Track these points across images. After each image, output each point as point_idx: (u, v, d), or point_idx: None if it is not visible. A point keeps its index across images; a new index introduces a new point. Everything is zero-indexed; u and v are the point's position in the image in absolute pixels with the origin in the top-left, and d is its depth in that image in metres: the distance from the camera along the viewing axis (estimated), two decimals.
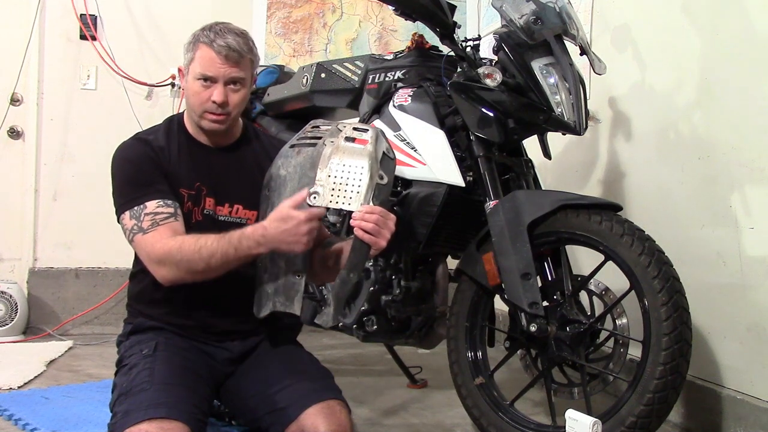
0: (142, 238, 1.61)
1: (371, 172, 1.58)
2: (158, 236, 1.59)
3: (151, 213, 1.61)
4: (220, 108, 1.68)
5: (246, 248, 1.54)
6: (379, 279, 2.18)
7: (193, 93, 1.69)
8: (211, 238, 1.56)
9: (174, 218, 1.63)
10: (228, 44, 1.65)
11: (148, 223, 1.60)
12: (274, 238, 1.52)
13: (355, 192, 1.57)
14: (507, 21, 2.01)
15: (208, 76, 1.66)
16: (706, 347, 2.09)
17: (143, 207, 1.62)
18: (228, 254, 1.55)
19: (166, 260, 1.58)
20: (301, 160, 1.65)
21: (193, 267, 1.57)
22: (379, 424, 2.17)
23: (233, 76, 1.67)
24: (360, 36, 3.85)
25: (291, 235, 1.51)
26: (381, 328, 2.20)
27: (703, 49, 2.16)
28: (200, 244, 1.55)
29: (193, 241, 1.56)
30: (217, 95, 1.66)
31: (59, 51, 3.44)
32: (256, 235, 1.53)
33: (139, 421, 1.43)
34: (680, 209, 2.23)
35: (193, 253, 1.55)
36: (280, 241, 1.52)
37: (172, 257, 1.57)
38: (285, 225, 1.51)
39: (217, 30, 1.67)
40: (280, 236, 1.52)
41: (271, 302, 1.63)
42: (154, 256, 1.59)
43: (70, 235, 3.43)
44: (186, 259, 1.56)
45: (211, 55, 1.65)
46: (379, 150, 1.64)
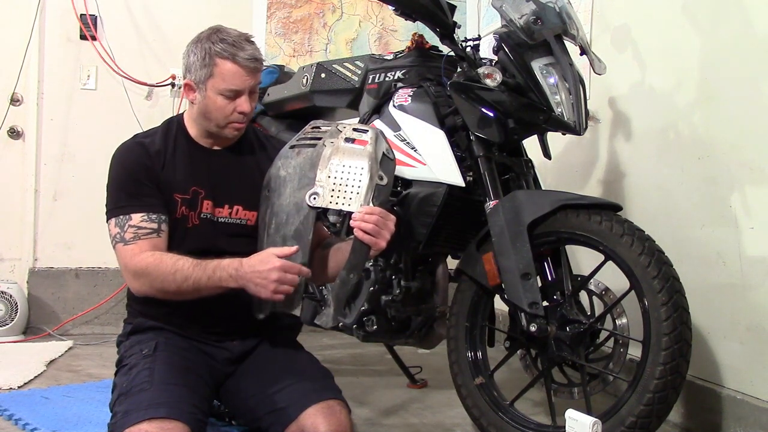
0: (122, 248, 1.63)
1: (371, 172, 1.59)
2: (137, 249, 1.61)
3: (134, 226, 1.63)
4: (244, 116, 1.70)
5: (218, 279, 1.56)
6: (379, 279, 2.18)
7: (217, 108, 1.68)
8: (189, 262, 1.57)
9: (156, 234, 1.64)
10: (251, 56, 1.66)
11: (131, 235, 1.62)
12: (244, 276, 1.54)
13: (355, 193, 1.57)
14: (507, 21, 2.01)
15: (236, 90, 1.66)
16: (706, 347, 2.09)
17: (128, 218, 1.64)
18: (200, 282, 1.56)
19: (141, 275, 1.60)
20: (300, 160, 1.66)
21: (166, 287, 1.59)
22: (379, 424, 2.17)
23: (255, 84, 1.70)
24: (360, 36, 3.85)
25: (260, 278, 1.52)
26: (381, 328, 2.20)
27: (703, 49, 2.16)
28: (176, 267, 1.57)
29: (171, 263, 1.58)
30: (245, 106, 1.68)
31: (59, 51, 3.44)
32: (230, 269, 1.55)
33: (139, 421, 1.43)
34: (680, 209, 2.23)
35: (167, 275, 1.57)
36: (249, 281, 1.54)
37: (148, 273, 1.59)
38: (259, 266, 1.53)
39: (230, 42, 1.65)
40: (250, 276, 1.53)
41: (270, 303, 1.63)
42: (130, 268, 1.62)
43: (70, 235, 3.43)
44: (160, 279, 1.58)
45: (236, 70, 1.65)
46: (379, 151, 1.64)
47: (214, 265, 1.56)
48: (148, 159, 1.69)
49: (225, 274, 1.55)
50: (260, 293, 1.54)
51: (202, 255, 1.65)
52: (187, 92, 1.73)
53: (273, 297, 1.54)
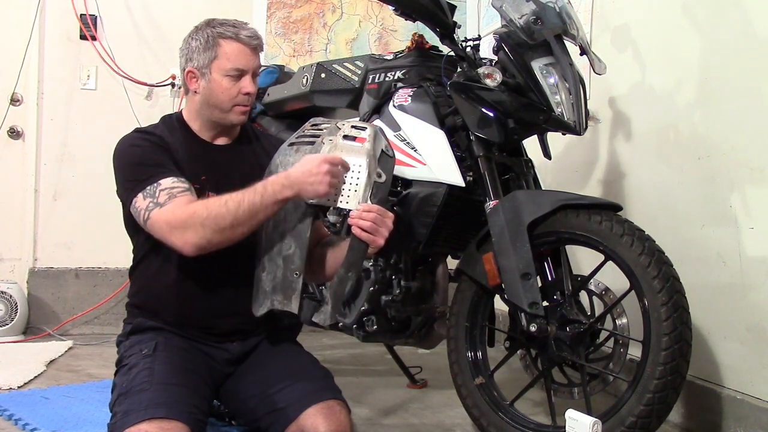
0: (159, 211, 1.56)
1: (369, 170, 1.58)
2: (178, 204, 1.55)
3: (167, 188, 1.58)
4: (249, 98, 1.71)
5: (271, 193, 1.53)
6: (379, 279, 2.18)
7: (222, 90, 1.69)
8: (233, 193, 1.54)
9: (189, 192, 1.60)
10: (253, 34, 1.69)
11: (165, 197, 1.57)
12: (296, 179, 1.52)
13: (353, 190, 1.57)
14: (507, 21, 2.01)
15: (241, 69, 1.68)
16: (706, 347, 2.09)
17: (157, 185, 1.59)
18: (254, 203, 1.52)
19: (189, 222, 1.52)
20: (299, 158, 1.65)
21: (221, 223, 1.51)
22: (379, 424, 2.17)
23: (258, 64, 1.72)
24: (360, 36, 3.85)
25: (312, 175, 1.51)
26: (381, 328, 2.20)
27: (703, 49, 2.16)
28: (225, 198, 1.53)
29: (218, 199, 1.55)
30: (249, 86, 1.69)
31: (59, 51, 3.44)
32: (281, 178, 1.54)
33: (139, 421, 1.42)
34: (680, 209, 2.23)
35: (219, 207, 1.52)
36: (303, 182, 1.52)
37: (198, 216, 1.52)
38: (306, 166, 1.52)
39: (231, 24, 1.70)
40: (302, 177, 1.52)
41: (269, 300, 1.63)
42: (176, 222, 1.54)
43: (70, 235, 3.43)
44: (213, 215, 1.51)
45: (241, 48, 1.68)
46: (378, 148, 1.64)
47: (262, 183, 1.55)
48: (159, 140, 1.70)
49: (277, 185, 1.53)
50: (318, 190, 1.51)
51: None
52: (190, 81, 1.72)
53: (329, 190, 1.52)
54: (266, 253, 1.65)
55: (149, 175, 1.60)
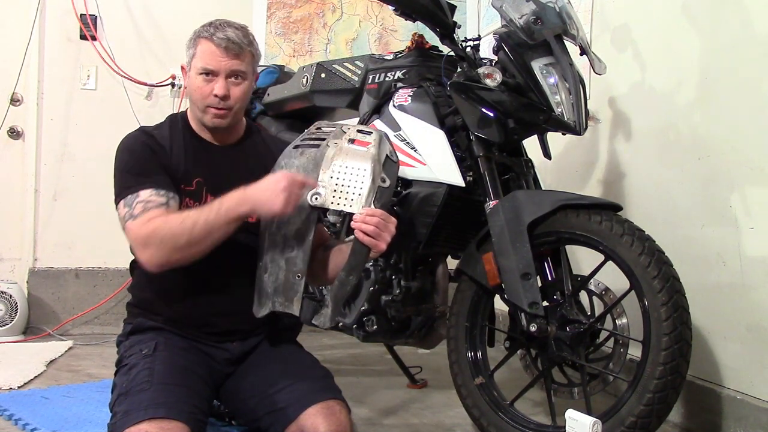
0: (131, 223, 1.57)
1: (373, 174, 1.59)
2: (146, 219, 1.56)
3: (143, 201, 1.59)
4: (222, 102, 1.67)
5: (226, 210, 1.52)
6: (379, 279, 2.18)
7: (196, 88, 1.69)
8: (193, 210, 1.56)
9: (165, 207, 1.59)
10: (227, 36, 1.66)
11: (139, 210, 1.58)
12: (252, 195, 1.52)
13: (357, 194, 1.58)
14: (507, 21, 2.01)
15: (210, 70, 1.67)
16: (706, 347, 2.09)
17: (137, 195, 1.60)
18: (209, 221, 1.51)
19: (150, 240, 1.54)
20: (304, 161, 1.66)
21: (178, 241, 1.52)
22: (379, 424, 2.17)
23: (234, 69, 1.68)
24: (360, 36, 3.85)
25: (268, 191, 1.50)
26: (381, 328, 2.20)
27: (703, 49, 2.16)
28: (183, 216, 1.54)
29: (177, 215, 1.55)
30: (218, 88, 1.66)
31: (59, 51, 3.44)
32: (237, 194, 1.53)
33: (139, 421, 1.42)
34: (680, 209, 2.23)
35: (176, 227, 1.52)
36: (258, 198, 1.51)
37: (157, 235, 1.53)
38: (264, 182, 1.53)
39: (217, 24, 1.69)
40: (257, 193, 1.52)
41: (270, 302, 1.63)
42: (139, 239, 1.55)
43: (70, 235, 3.43)
44: (170, 235, 1.52)
45: (211, 49, 1.66)
46: (382, 153, 1.64)
47: (218, 200, 1.54)
48: (156, 145, 1.70)
49: (232, 202, 1.52)
50: (273, 208, 1.50)
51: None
52: (184, 77, 1.77)
53: (285, 209, 1.51)
54: (268, 255, 1.65)
55: (132, 184, 1.62)
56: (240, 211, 1.53)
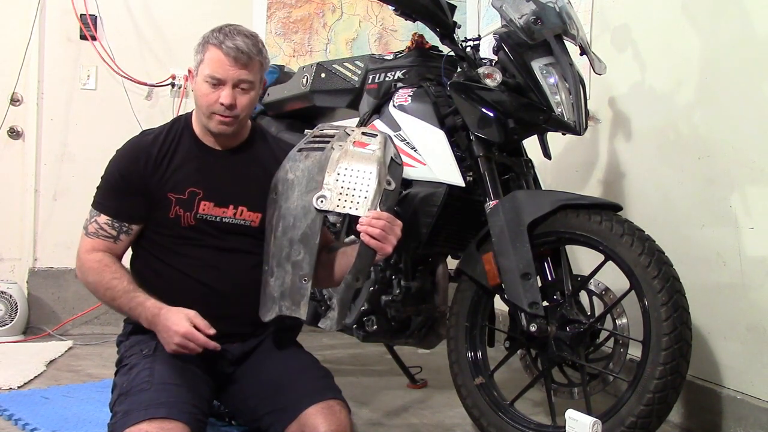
0: (83, 236, 1.73)
1: (379, 177, 1.59)
2: (92, 246, 1.70)
3: (99, 224, 1.71)
4: (228, 110, 1.67)
5: (137, 314, 1.64)
6: (379, 279, 2.18)
7: (202, 94, 1.68)
8: (123, 285, 1.65)
9: (113, 241, 1.71)
10: (237, 46, 1.64)
11: (92, 230, 1.71)
12: (156, 325, 1.61)
13: (363, 197, 1.57)
14: (507, 21, 2.01)
15: (217, 78, 1.65)
16: (706, 347, 2.09)
17: (98, 214, 1.72)
18: (122, 308, 1.66)
19: (82, 270, 1.71)
20: (309, 164, 1.65)
21: (97, 296, 1.71)
22: (379, 424, 2.17)
23: (241, 78, 1.66)
24: (360, 36, 3.85)
25: (166, 334, 1.59)
26: (381, 328, 2.20)
27: (703, 49, 2.16)
28: (110, 285, 1.66)
29: (109, 278, 1.66)
30: (225, 97, 1.65)
31: (59, 51, 3.44)
32: (149, 314, 1.62)
33: (139, 421, 1.43)
34: (680, 209, 2.23)
35: (100, 286, 1.67)
36: (159, 332, 1.62)
37: (86, 275, 1.70)
38: (170, 323, 1.58)
39: (227, 32, 1.67)
40: (161, 328, 1.60)
41: (277, 306, 1.63)
42: (80, 259, 1.71)
43: (70, 235, 3.38)
44: (93, 285, 1.69)
45: (219, 57, 1.65)
46: (387, 155, 1.64)
47: (139, 301, 1.63)
48: (145, 161, 1.70)
49: (143, 314, 1.63)
50: (165, 346, 1.61)
51: (203, 252, 1.67)
52: (190, 80, 1.77)
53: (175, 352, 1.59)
54: (274, 259, 1.64)
55: (101, 201, 1.73)
56: (144, 324, 1.65)
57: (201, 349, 1.58)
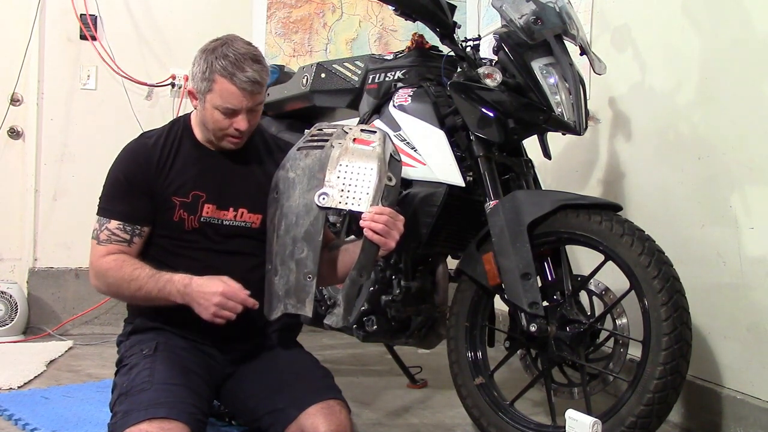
0: (94, 245, 1.69)
1: (380, 173, 1.59)
2: (105, 252, 1.66)
3: (110, 230, 1.68)
4: (241, 133, 1.68)
5: (167, 293, 1.60)
6: (379, 279, 2.18)
7: (213, 121, 1.67)
8: (146, 272, 1.61)
9: (127, 245, 1.68)
10: (249, 78, 1.62)
11: (104, 237, 1.68)
12: (191, 294, 1.58)
13: (365, 193, 1.58)
14: (507, 21, 2.01)
15: (231, 110, 1.65)
16: (706, 347, 2.09)
17: (107, 221, 1.69)
18: (151, 293, 1.61)
19: (99, 276, 1.67)
20: (309, 162, 1.66)
21: (120, 293, 1.66)
22: (379, 424, 2.17)
23: (255, 104, 1.67)
24: (360, 36, 3.85)
25: (203, 299, 1.56)
26: (381, 328, 2.20)
27: (703, 49, 2.16)
28: (133, 276, 1.61)
29: (130, 270, 1.62)
30: (241, 124, 1.66)
31: (59, 51, 3.44)
32: (180, 285, 1.59)
33: (140, 421, 1.43)
34: (680, 209, 2.23)
35: (123, 281, 1.62)
36: (194, 299, 1.57)
37: (107, 277, 1.65)
38: (205, 287, 1.56)
39: (233, 60, 1.62)
40: (195, 294, 1.57)
41: (282, 304, 1.63)
42: (93, 266, 1.68)
43: (70, 235, 3.43)
44: (117, 284, 1.64)
45: (232, 90, 1.62)
46: (387, 152, 1.65)
47: (167, 279, 1.60)
48: (147, 164, 1.69)
49: (174, 289, 1.59)
50: (201, 314, 1.57)
51: (204, 256, 1.67)
52: (191, 98, 1.74)
53: (212, 320, 1.56)
54: (278, 257, 1.65)
55: (109, 207, 1.70)
56: (176, 300, 1.60)
57: (240, 308, 1.56)
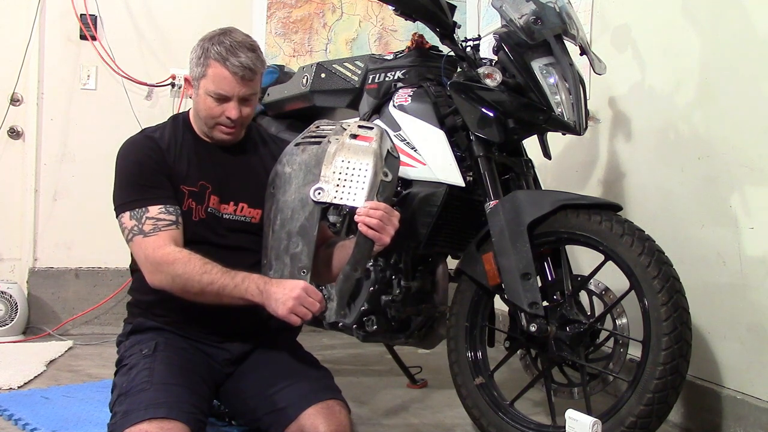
0: (143, 240, 1.60)
1: (376, 169, 1.59)
2: (160, 241, 1.59)
3: (153, 218, 1.61)
4: (233, 122, 1.68)
5: (244, 289, 1.56)
6: (379, 279, 2.18)
7: (205, 108, 1.68)
8: (217, 267, 1.57)
9: (176, 226, 1.63)
10: (242, 63, 1.63)
11: (150, 227, 1.60)
12: (269, 290, 1.54)
13: (360, 188, 1.58)
14: (507, 21, 2.01)
15: (222, 95, 1.65)
16: (706, 347, 2.09)
17: (145, 210, 1.62)
18: (225, 288, 1.56)
19: (164, 269, 1.58)
20: (306, 157, 1.66)
21: (189, 286, 1.57)
22: (379, 424, 2.17)
23: (247, 93, 1.67)
24: (360, 36, 3.85)
25: (282, 293, 1.53)
26: (381, 328, 2.20)
27: (703, 49, 2.16)
28: (205, 269, 1.56)
29: (201, 264, 1.56)
30: (231, 112, 1.66)
31: (59, 51, 3.44)
32: (259, 282, 1.56)
33: (139, 421, 1.43)
34: (680, 209, 2.23)
35: (194, 273, 1.56)
36: (272, 295, 1.54)
37: (173, 269, 1.57)
38: (285, 283, 1.55)
39: (228, 46, 1.64)
40: (274, 290, 1.54)
41: None
42: (153, 259, 1.59)
43: (70, 235, 3.43)
44: (186, 276, 1.56)
45: (224, 75, 1.64)
46: (384, 148, 1.65)
47: (243, 275, 1.57)
48: (158, 150, 1.69)
49: (253, 285, 1.55)
50: (278, 309, 1.53)
51: (206, 249, 1.66)
52: (187, 87, 1.75)
53: (288, 317, 1.53)
54: (273, 252, 1.65)
55: (139, 197, 1.63)
56: (254, 299, 1.56)
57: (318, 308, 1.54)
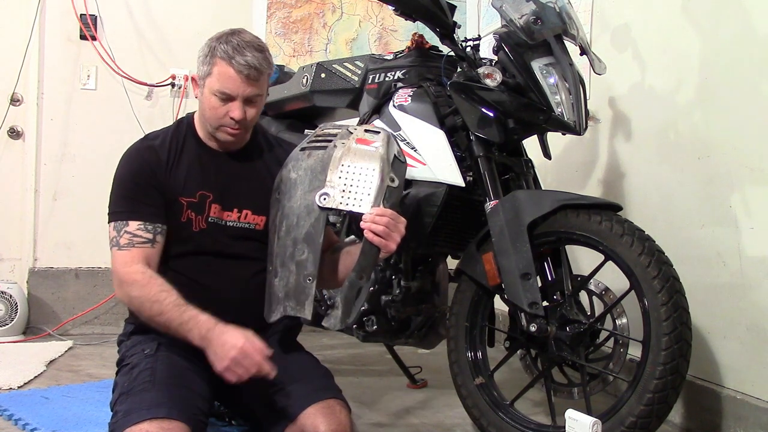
0: (116, 252, 1.63)
1: (382, 174, 1.58)
2: (128, 258, 1.61)
3: (130, 233, 1.63)
4: (237, 123, 1.67)
5: (187, 329, 1.53)
6: (379, 279, 2.18)
7: (210, 107, 1.67)
8: (172, 299, 1.55)
9: (150, 245, 1.63)
10: (248, 63, 1.61)
11: (125, 241, 1.62)
12: (211, 341, 1.51)
13: (366, 194, 1.56)
14: (507, 21, 2.01)
15: (228, 94, 1.64)
16: (706, 347, 2.09)
17: (125, 224, 1.64)
18: (171, 323, 1.55)
19: (124, 287, 1.61)
20: (311, 162, 1.65)
21: (142, 311, 1.59)
22: (379, 424, 2.17)
23: (252, 93, 1.65)
24: (360, 36, 3.85)
25: (220, 349, 1.49)
26: (381, 328, 2.20)
27: (703, 49, 2.16)
28: (158, 298, 1.55)
29: (156, 291, 1.56)
30: (235, 113, 1.65)
31: (59, 51, 3.44)
32: (203, 328, 1.52)
33: (140, 420, 1.43)
34: (680, 209, 2.23)
35: (147, 300, 1.57)
36: (211, 346, 1.50)
37: (130, 290, 1.59)
38: (225, 338, 1.50)
39: (235, 45, 1.63)
40: (214, 343, 1.50)
41: (281, 306, 1.62)
42: (117, 274, 1.62)
43: (70, 235, 3.43)
44: (140, 301, 1.58)
45: (230, 73, 1.62)
46: (391, 153, 1.64)
47: (191, 315, 1.54)
48: (155, 162, 1.68)
49: (196, 330, 1.52)
50: (215, 363, 1.50)
51: (209, 260, 1.66)
52: (194, 86, 1.75)
53: (223, 373, 1.49)
54: (278, 259, 1.64)
55: (124, 209, 1.65)
56: (194, 340, 1.54)
57: (255, 370, 1.49)
